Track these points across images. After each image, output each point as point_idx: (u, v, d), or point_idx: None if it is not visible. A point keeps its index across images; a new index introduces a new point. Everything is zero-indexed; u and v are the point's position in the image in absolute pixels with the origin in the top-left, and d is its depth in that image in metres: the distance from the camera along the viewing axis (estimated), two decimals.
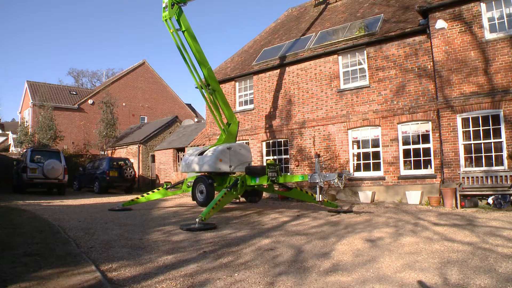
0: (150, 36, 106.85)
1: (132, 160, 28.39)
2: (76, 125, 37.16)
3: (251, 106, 20.03)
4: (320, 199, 10.57)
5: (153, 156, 29.60)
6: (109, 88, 38.76)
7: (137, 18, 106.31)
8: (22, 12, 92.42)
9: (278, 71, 19.02)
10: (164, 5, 13.36)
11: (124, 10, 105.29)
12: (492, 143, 12.68)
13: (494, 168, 12.51)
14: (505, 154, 12.29)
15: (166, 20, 13.27)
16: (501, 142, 12.44)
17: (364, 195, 14.96)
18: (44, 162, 20.40)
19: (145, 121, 40.42)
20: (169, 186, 14.08)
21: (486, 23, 13.12)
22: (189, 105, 47.88)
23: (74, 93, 40.19)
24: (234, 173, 13.65)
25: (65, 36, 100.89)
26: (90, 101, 38.47)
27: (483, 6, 13.19)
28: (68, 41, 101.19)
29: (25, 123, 33.60)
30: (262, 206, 14.13)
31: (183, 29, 13.56)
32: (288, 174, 17.54)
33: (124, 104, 39.97)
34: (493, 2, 13.07)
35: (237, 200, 15.28)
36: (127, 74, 42.44)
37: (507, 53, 12.53)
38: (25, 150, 25.50)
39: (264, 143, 19.34)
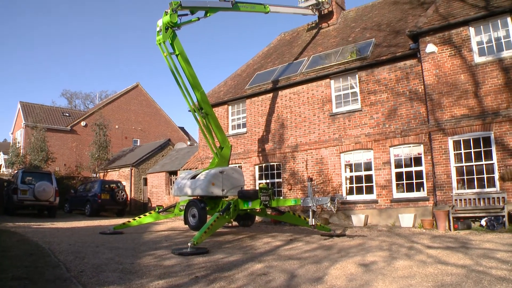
0: (144, 59, 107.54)
1: (124, 183, 28.19)
2: (69, 147, 37.01)
3: (243, 130, 20.07)
4: (313, 223, 10.53)
5: (145, 179, 29.43)
6: (102, 110, 38.75)
7: (131, 41, 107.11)
8: (16, 32, 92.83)
9: (271, 95, 19.13)
10: (158, 29, 13.44)
11: (118, 32, 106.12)
12: (484, 165, 12.76)
13: (486, 190, 12.56)
14: (496, 175, 12.35)
15: (160, 44, 13.33)
16: (492, 164, 12.52)
17: (357, 219, 14.92)
18: (35, 184, 20.16)
19: (138, 144, 40.31)
20: (161, 209, 13.97)
21: (475, 47, 13.35)
22: (182, 128, 47.91)
23: (67, 114, 40.14)
24: (226, 197, 13.58)
25: (59, 57, 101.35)
26: (83, 123, 38.41)
27: (471, 30, 13.45)
28: (62, 62, 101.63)
29: (17, 144, 33.44)
30: (254, 230, 14.04)
31: (177, 53, 13.62)
32: (281, 198, 17.44)
33: (117, 126, 39.90)
34: (481, 27, 13.34)
35: (230, 224, 15.17)
36: (121, 97, 42.50)
37: (496, 76, 12.73)
38: (16, 171, 25.29)
39: (256, 167, 19.32)
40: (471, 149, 13.07)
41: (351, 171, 16.20)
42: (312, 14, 21.79)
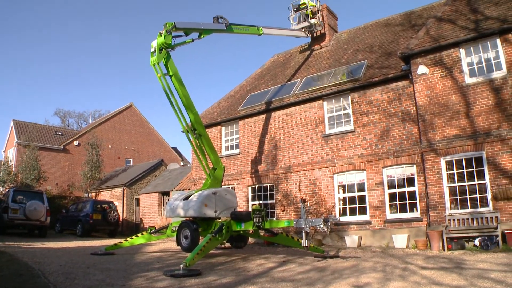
0: (138, 79, 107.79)
1: (116, 203, 28.02)
2: (61, 166, 36.74)
3: (237, 151, 20.07)
4: (306, 245, 10.47)
5: (137, 200, 29.26)
6: (96, 130, 38.67)
7: (125, 60, 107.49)
8: (9, 50, 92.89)
9: (264, 116, 19.21)
10: (152, 50, 13.50)
11: (112, 52, 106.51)
12: (477, 185, 12.81)
13: (480, 209, 12.58)
14: (489, 195, 12.39)
15: (154, 64, 13.37)
16: (485, 183, 12.58)
17: (351, 240, 14.86)
18: (26, 203, 19.96)
19: (131, 164, 40.16)
20: (153, 230, 13.87)
21: (466, 68, 13.55)
22: (175, 149, 47.83)
23: (60, 133, 39.99)
24: (219, 218, 13.50)
25: (53, 76, 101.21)
26: (75, 142, 38.25)
27: (462, 51, 13.65)
28: (55, 81, 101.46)
29: (9, 162, 33.10)
30: (247, 251, 13.93)
31: (171, 73, 13.67)
32: (274, 219, 17.41)
33: (110, 146, 39.76)
34: (471, 48, 13.55)
35: (223, 246, 15.05)
36: (114, 116, 42.45)
37: (487, 97, 12.88)
38: (7, 190, 25.06)
39: (249, 188, 19.27)
40: (463, 169, 13.13)
41: (344, 192, 16.19)
42: (305, 36, 22.04)
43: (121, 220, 27.62)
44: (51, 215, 21.59)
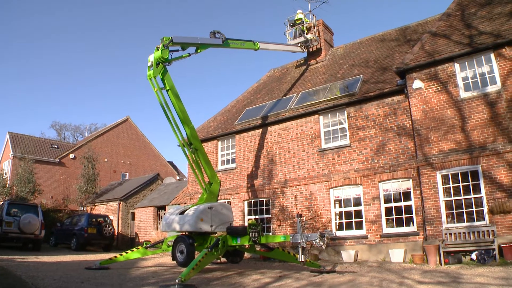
0: (134, 93, 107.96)
1: (111, 217, 27.88)
2: (56, 179, 36.61)
3: (233, 165, 20.06)
4: (303, 260, 10.42)
5: (133, 214, 29.13)
6: (92, 143, 38.62)
7: (121, 74, 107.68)
8: (5, 62, 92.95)
9: (260, 130, 19.24)
10: (149, 64, 13.53)
11: (109, 65, 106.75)
12: (473, 199, 12.82)
13: (476, 223, 12.57)
14: (486, 209, 12.40)
15: (150, 78, 13.40)
16: (481, 197, 12.59)
17: (347, 255, 14.81)
18: (21, 216, 19.77)
19: (126, 178, 40.05)
20: (148, 245, 13.78)
21: (460, 82, 13.66)
22: (171, 163, 47.77)
23: (56, 146, 39.90)
24: (215, 233, 13.44)
25: (49, 89, 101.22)
26: (71, 156, 38.17)
27: (457, 66, 13.77)
28: (52, 93, 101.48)
29: (4, 174, 32.94)
30: (243, 266, 13.85)
31: (167, 88, 13.70)
32: (270, 234, 17.34)
33: (106, 160, 39.70)
34: (466, 63, 13.67)
35: (218, 261, 14.97)
36: (110, 130, 42.44)
37: (482, 111, 12.97)
38: (1, 202, 24.87)
39: (246, 203, 19.23)
40: (459, 183, 13.16)
41: (340, 206, 16.18)
42: (301, 51, 22.21)
43: (116, 234, 27.44)
44: (45, 228, 21.42)
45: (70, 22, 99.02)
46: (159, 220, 26.25)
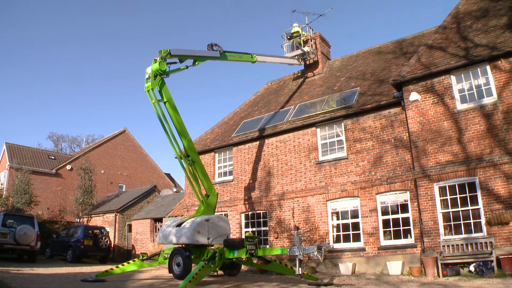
0: (132, 104, 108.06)
1: (108, 229, 27.75)
2: (53, 191, 36.44)
3: (230, 178, 20.03)
4: (300, 272, 10.38)
5: (129, 226, 28.99)
6: (89, 155, 38.54)
7: (119, 85, 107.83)
8: (3, 72, 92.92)
9: (257, 143, 19.25)
10: (147, 76, 13.58)
11: (107, 76, 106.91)
12: (470, 210, 12.81)
13: (474, 235, 12.56)
14: (483, 220, 12.39)
15: (148, 91, 13.44)
16: (478, 208, 12.59)
17: (345, 267, 14.75)
18: (17, 227, 19.63)
19: (123, 190, 39.94)
20: (145, 257, 13.70)
21: (457, 94, 13.75)
22: (168, 175, 47.69)
23: (53, 157, 39.77)
24: (212, 245, 13.38)
25: (46, 99, 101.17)
26: (68, 167, 38.07)
27: (453, 78, 13.86)
28: (49, 104, 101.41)
29: (0, 185, 32.81)
30: (240, 279, 13.78)
31: (165, 100, 13.74)
32: (267, 246, 17.28)
33: (102, 171, 39.60)
34: (462, 75, 13.77)
35: (215, 273, 14.86)
36: (107, 142, 42.41)
37: (478, 122, 13.03)
38: None
39: (243, 215, 19.17)
40: (456, 194, 13.16)
41: (337, 219, 16.14)
42: (298, 64, 22.31)
43: (112, 246, 27.30)
44: (41, 240, 21.25)
45: (68, 32, 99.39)
46: (155, 232, 26.12)
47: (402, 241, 14.33)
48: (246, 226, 18.98)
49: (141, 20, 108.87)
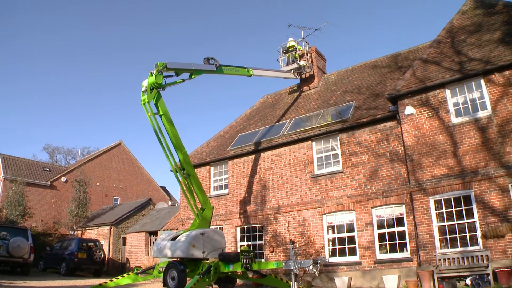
0: (128, 117, 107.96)
1: (102, 241, 27.58)
2: (47, 203, 36.16)
3: (225, 191, 19.99)
4: (296, 287, 10.33)
5: (124, 239, 28.83)
6: (84, 167, 38.39)
7: (115, 98, 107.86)
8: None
9: (253, 156, 19.26)
10: (143, 89, 13.62)
11: (102, 88, 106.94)
12: (466, 224, 12.79)
13: (470, 248, 12.53)
14: (479, 233, 12.37)
15: (144, 103, 13.47)
16: (474, 222, 12.57)
17: (341, 281, 14.67)
18: (10, 240, 19.42)
19: (118, 202, 39.76)
20: (139, 271, 13.63)
21: (451, 108, 13.82)
22: (164, 188, 47.56)
23: (48, 169, 39.56)
24: (207, 259, 13.33)
25: (42, 111, 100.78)
26: (63, 179, 37.86)
27: (448, 92, 13.95)
28: (45, 116, 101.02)
29: None
30: None
31: (161, 113, 13.76)
32: (263, 260, 17.18)
33: (97, 184, 39.44)
34: (457, 89, 13.86)
35: (210, 287, 14.80)
36: (103, 154, 42.30)
37: (473, 136, 13.09)
38: None
39: (238, 229, 19.09)
40: (452, 208, 13.15)
41: (333, 232, 16.10)
42: (294, 78, 22.40)
43: (107, 259, 27.13)
44: (35, 252, 21.02)
45: (63, 44, 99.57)
46: (150, 245, 25.99)
47: (398, 255, 14.29)
48: (242, 240, 18.89)
49: (137, 33, 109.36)
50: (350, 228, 15.59)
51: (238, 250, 17.08)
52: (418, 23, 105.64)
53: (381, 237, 14.82)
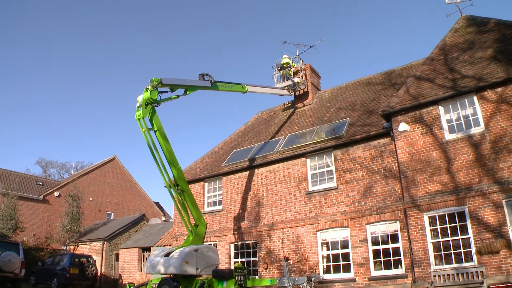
0: (122, 132, 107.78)
1: (95, 257, 27.36)
2: (39, 217, 35.85)
3: (219, 207, 19.92)
4: None
5: (117, 254, 28.61)
6: (77, 181, 38.22)
7: (109, 113, 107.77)
8: None
9: (247, 172, 19.24)
10: (138, 104, 13.64)
11: (97, 102, 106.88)
12: (460, 240, 12.75)
13: (465, 264, 12.48)
14: (473, 250, 12.35)
15: (139, 119, 13.48)
16: (469, 238, 12.54)
17: None
18: (1, 254, 19.18)
19: (111, 218, 39.57)
20: (132, 287, 13.54)
21: (445, 125, 13.90)
22: (157, 204, 47.41)
23: (41, 183, 39.31)
24: (200, 276, 13.25)
25: (36, 125, 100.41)
26: (56, 193, 37.64)
27: (441, 109, 14.05)
28: (39, 130, 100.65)
29: None
30: None
31: (155, 128, 13.77)
32: (257, 277, 17.07)
33: (91, 198, 39.25)
34: (450, 105, 13.97)
35: None
36: (97, 169, 42.18)
37: (466, 152, 13.14)
38: None
39: (232, 245, 18.98)
40: (446, 224, 13.13)
41: (328, 249, 16.03)
42: (289, 95, 22.46)
43: (99, 275, 26.88)
44: (26, 267, 20.71)
45: (57, 57, 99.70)
46: (143, 261, 25.78)
47: (392, 272, 14.23)
48: (235, 256, 18.77)
49: (132, 47, 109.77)
50: (345, 245, 15.53)
51: (232, 267, 17.00)
52: (411, 41, 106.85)
53: (376, 253, 14.77)
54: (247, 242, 18.45)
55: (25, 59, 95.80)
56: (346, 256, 15.39)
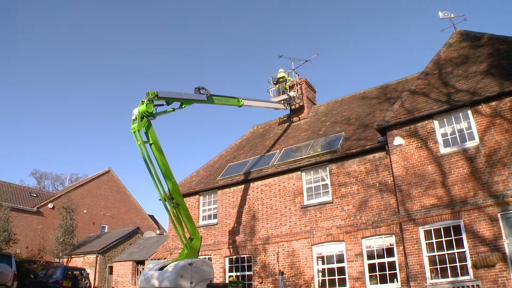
0: (117, 144, 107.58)
1: (88, 270, 27.20)
2: (33, 229, 35.66)
3: (214, 221, 19.85)
4: None
5: (111, 268, 28.44)
6: (72, 194, 38.18)
7: (105, 125, 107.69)
8: None
9: (242, 186, 19.21)
10: (133, 117, 13.65)
11: (92, 114, 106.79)
12: (456, 253, 12.72)
13: (461, 278, 12.44)
14: (469, 263, 12.32)
15: (134, 132, 13.47)
16: (464, 251, 12.51)
17: None
18: None
19: (106, 230, 39.41)
20: None
21: (440, 139, 13.95)
22: (152, 217, 47.25)
23: (35, 195, 39.15)
24: None
25: (31, 136, 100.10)
26: (50, 205, 37.51)
27: (436, 123, 14.12)
28: (34, 141, 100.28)
29: None
30: None
31: (151, 141, 13.77)
32: None
33: (85, 211, 39.12)
34: (444, 119, 14.04)
35: None
36: (91, 181, 42.12)
37: (461, 166, 13.18)
38: None
39: (227, 259, 18.87)
40: (442, 238, 13.11)
41: (323, 263, 15.97)
42: (284, 109, 22.52)
43: None
44: (18, 280, 20.49)
45: (52, 68, 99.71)
46: (137, 275, 25.62)
47: (388, 286, 14.17)
48: (230, 270, 18.66)
49: (128, 59, 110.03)
50: (340, 259, 15.47)
51: (227, 281, 16.89)
52: (407, 55, 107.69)
53: (371, 267, 14.72)
54: (242, 256, 18.36)
55: (20, 68, 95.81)
56: (341, 270, 15.32)
